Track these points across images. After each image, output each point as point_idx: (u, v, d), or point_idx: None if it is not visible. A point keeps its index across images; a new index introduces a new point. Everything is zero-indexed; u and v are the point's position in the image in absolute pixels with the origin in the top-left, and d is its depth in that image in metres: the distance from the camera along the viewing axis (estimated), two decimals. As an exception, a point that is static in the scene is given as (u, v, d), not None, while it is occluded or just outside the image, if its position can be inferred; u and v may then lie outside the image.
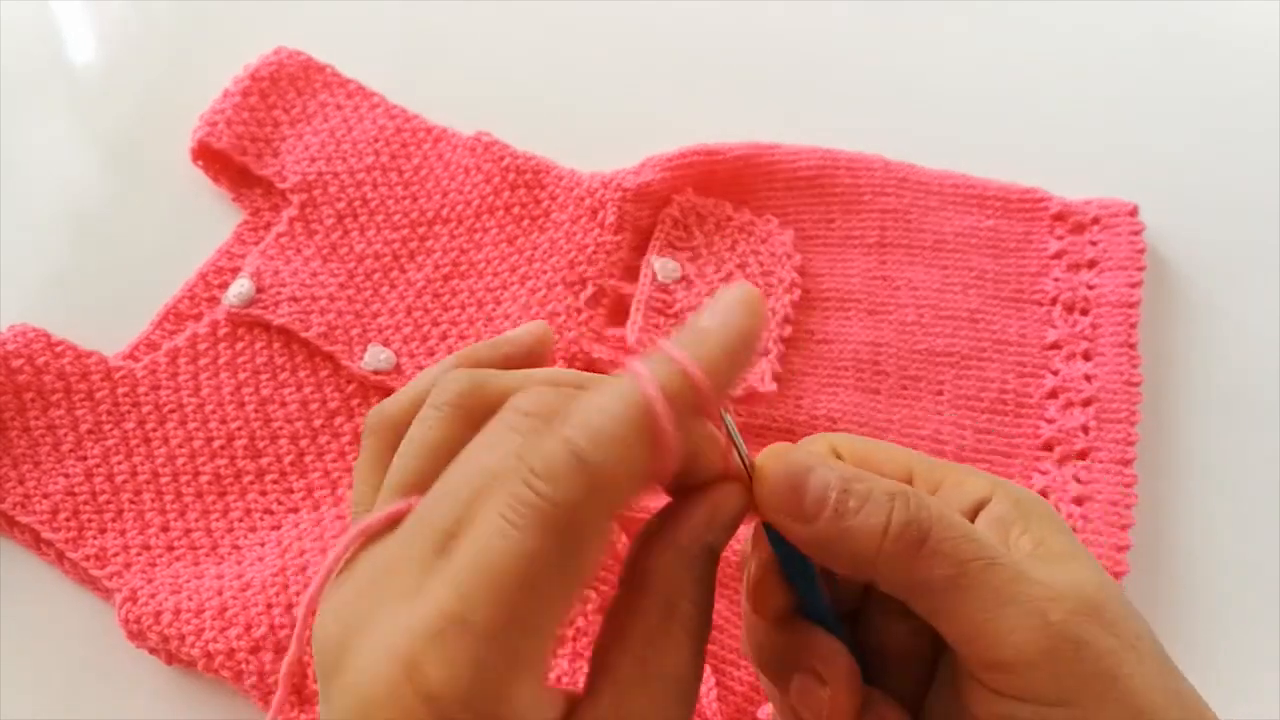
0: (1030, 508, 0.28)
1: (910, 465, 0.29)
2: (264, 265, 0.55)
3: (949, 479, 0.29)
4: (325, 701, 0.24)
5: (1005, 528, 0.27)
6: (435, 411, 0.27)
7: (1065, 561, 0.26)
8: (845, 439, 0.30)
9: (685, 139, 0.58)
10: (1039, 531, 0.27)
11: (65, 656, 0.48)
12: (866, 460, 0.29)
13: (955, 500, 0.28)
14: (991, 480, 0.29)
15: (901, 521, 0.26)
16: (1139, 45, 0.67)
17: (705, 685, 0.45)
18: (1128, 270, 0.55)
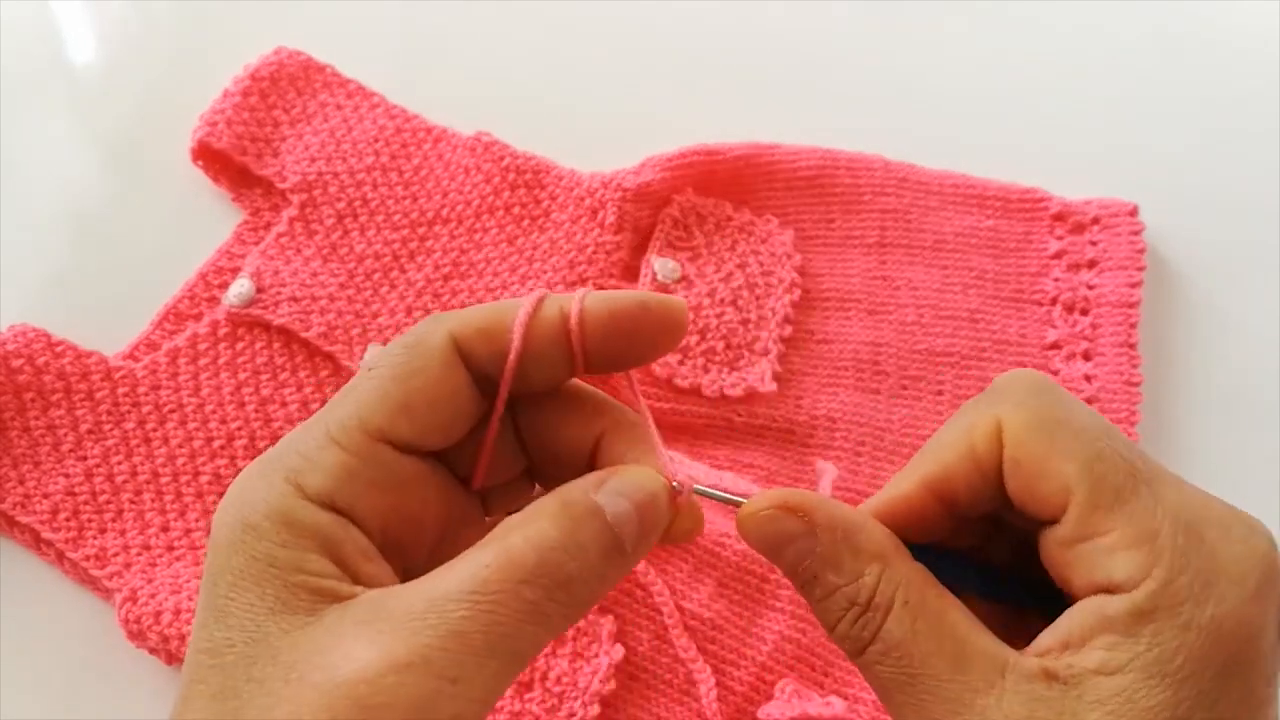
0: (1158, 630, 0.23)
1: (1074, 487, 0.25)
2: (264, 265, 0.55)
3: (1108, 537, 0.24)
4: None
5: (1100, 630, 0.24)
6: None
7: (1085, 707, 0.23)
8: (1017, 420, 0.26)
9: (685, 139, 0.58)
10: (1128, 659, 0.23)
11: (65, 656, 0.48)
12: (1027, 459, 0.26)
13: (1089, 564, 0.25)
14: (1156, 566, 0.23)
15: (843, 633, 0.26)
16: (1139, 45, 0.67)
17: (705, 685, 0.45)
18: (1128, 270, 0.55)
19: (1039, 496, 0.26)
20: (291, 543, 0.25)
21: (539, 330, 0.27)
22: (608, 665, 0.45)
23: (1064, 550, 0.25)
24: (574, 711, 0.45)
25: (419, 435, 0.27)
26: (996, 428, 0.27)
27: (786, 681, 0.45)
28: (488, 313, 0.27)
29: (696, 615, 0.47)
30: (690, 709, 0.46)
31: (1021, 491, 0.26)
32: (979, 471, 0.27)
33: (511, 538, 0.25)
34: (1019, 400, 0.27)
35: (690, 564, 0.48)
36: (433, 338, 0.27)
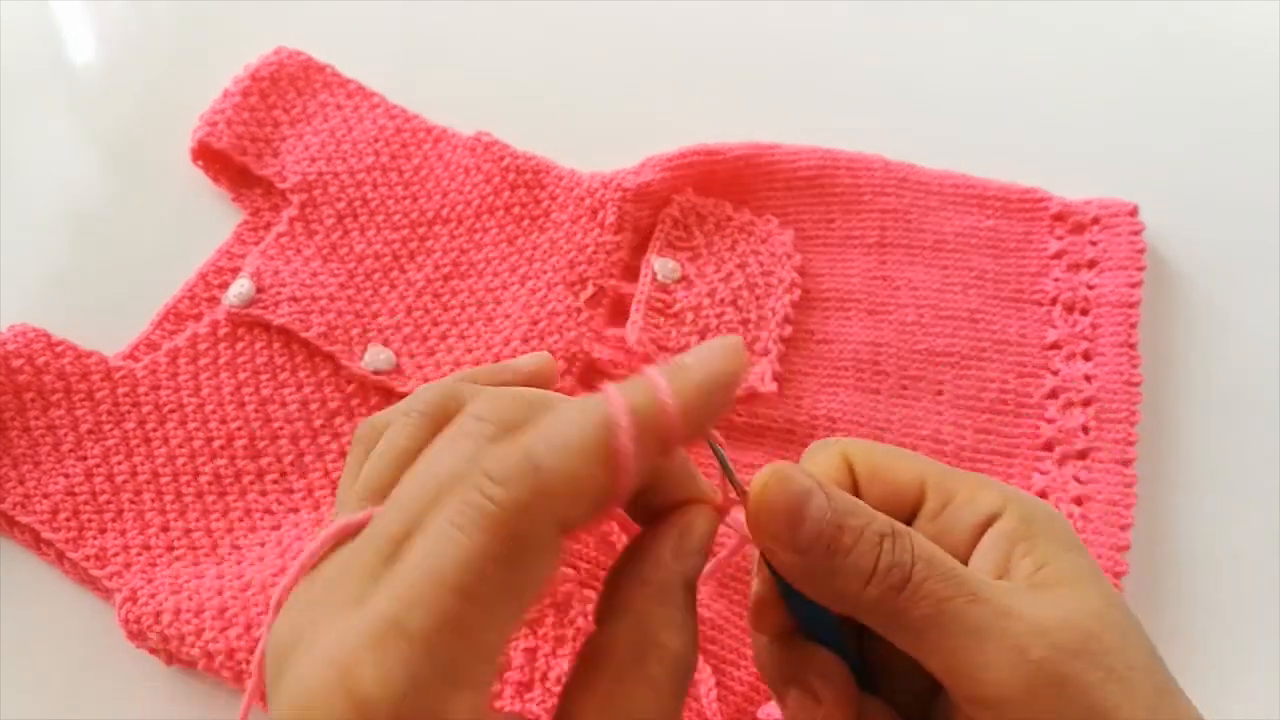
0: (1040, 525, 0.28)
1: (924, 475, 0.29)
2: (264, 265, 0.55)
3: (961, 491, 0.29)
4: (271, 702, 0.23)
5: (1010, 546, 0.27)
6: (405, 419, 0.27)
7: (1063, 587, 0.26)
8: (858, 446, 0.30)
9: (685, 139, 0.58)
10: (1044, 552, 0.27)
11: (65, 656, 0.48)
12: (878, 468, 0.29)
13: (965, 515, 0.28)
14: (1004, 494, 0.28)
15: (887, 565, 0.26)
16: (1139, 45, 0.67)
17: (705, 685, 0.45)
18: (1128, 270, 0.55)
19: (899, 489, 0.29)
20: None
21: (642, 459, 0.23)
22: (608, 665, 0.45)
23: (937, 521, 0.28)
24: (574, 711, 0.45)
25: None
26: (842, 456, 0.30)
27: (786, 681, 0.46)
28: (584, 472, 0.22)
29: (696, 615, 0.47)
30: (690, 709, 0.46)
31: (882, 491, 0.29)
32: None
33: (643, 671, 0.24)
34: (847, 442, 0.30)
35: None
36: (536, 534, 0.22)
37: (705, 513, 0.27)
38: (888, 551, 0.26)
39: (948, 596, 0.25)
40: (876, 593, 0.26)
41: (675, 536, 0.26)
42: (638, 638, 0.24)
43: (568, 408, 0.23)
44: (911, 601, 0.26)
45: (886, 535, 0.26)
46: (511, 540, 0.21)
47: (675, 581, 0.25)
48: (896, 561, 0.26)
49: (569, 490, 0.22)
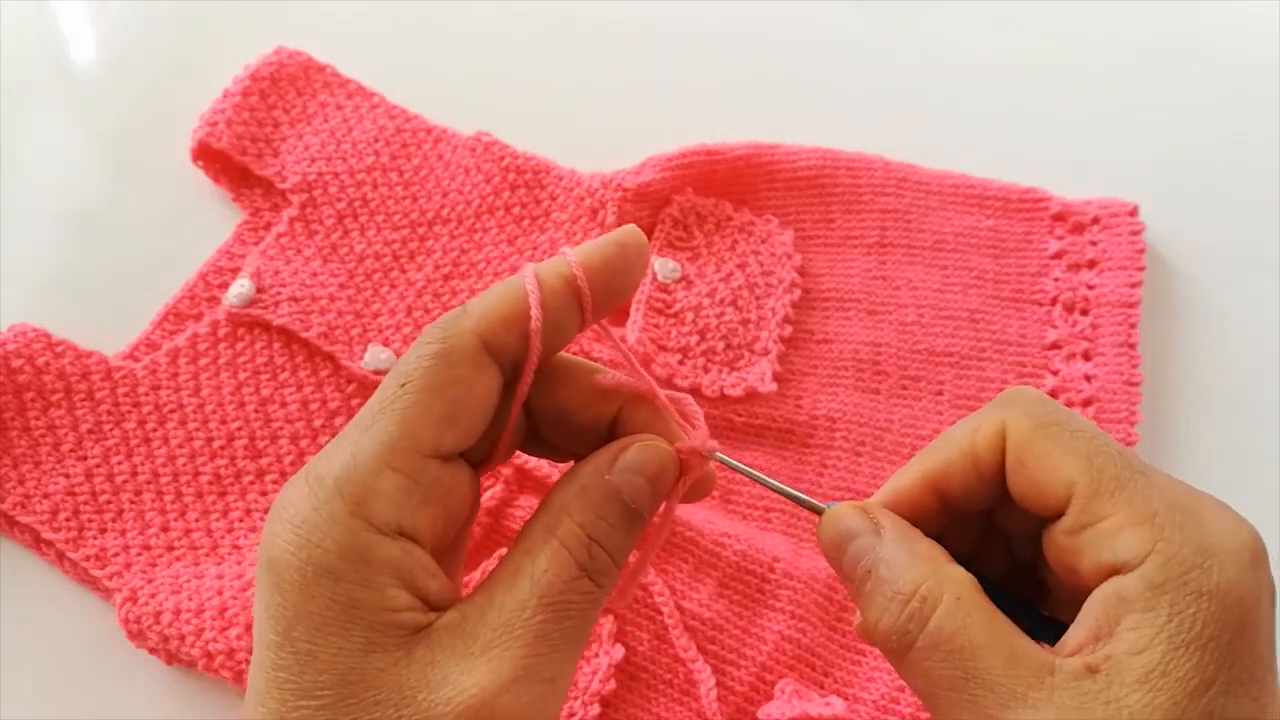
0: (1173, 600, 0.24)
1: (1075, 481, 0.26)
2: (264, 265, 0.55)
3: (1112, 519, 0.26)
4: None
5: (1122, 612, 0.25)
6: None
7: (1128, 689, 0.24)
8: (1024, 420, 0.28)
9: (685, 139, 0.58)
10: (1154, 635, 0.24)
11: (65, 656, 0.48)
12: (1031, 457, 0.27)
13: (1097, 549, 0.26)
14: (1158, 536, 0.25)
15: (888, 627, 0.27)
16: (1139, 46, 0.67)
17: (705, 685, 0.45)
18: (1128, 270, 0.55)
19: (1043, 490, 0.27)
20: (371, 581, 0.25)
21: (550, 299, 0.28)
22: (608, 665, 0.45)
23: (1070, 539, 0.27)
24: (574, 711, 0.45)
25: (462, 442, 0.27)
26: (1000, 429, 0.28)
27: (786, 681, 0.45)
28: (502, 299, 0.28)
29: (696, 615, 0.47)
30: (690, 709, 0.46)
31: (1026, 486, 0.28)
32: (976, 469, 0.29)
33: (554, 540, 0.27)
34: (1022, 407, 0.28)
35: (690, 564, 0.48)
36: (461, 340, 0.27)
37: (654, 442, 0.29)
38: (892, 614, 0.27)
39: (943, 685, 0.25)
40: (880, 647, 0.27)
41: (615, 449, 0.28)
42: (551, 520, 0.27)
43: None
44: (911, 671, 0.27)
45: (901, 597, 0.26)
46: (444, 344, 0.27)
47: (603, 487, 0.28)
48: (898, 629, 0.26)
49: (482, 312, 0.27)
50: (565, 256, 0.29)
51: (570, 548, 0.27)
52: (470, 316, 0.28)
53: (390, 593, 0.25)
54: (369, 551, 0.25)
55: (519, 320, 0.28)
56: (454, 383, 0.27)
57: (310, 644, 0.24)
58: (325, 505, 0.25)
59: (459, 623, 0.26)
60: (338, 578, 0.25)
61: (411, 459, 0.26)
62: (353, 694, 0.24)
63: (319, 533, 0.25)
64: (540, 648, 0.25)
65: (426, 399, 0.26)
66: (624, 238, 0.29)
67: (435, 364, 0.27)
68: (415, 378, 0.27)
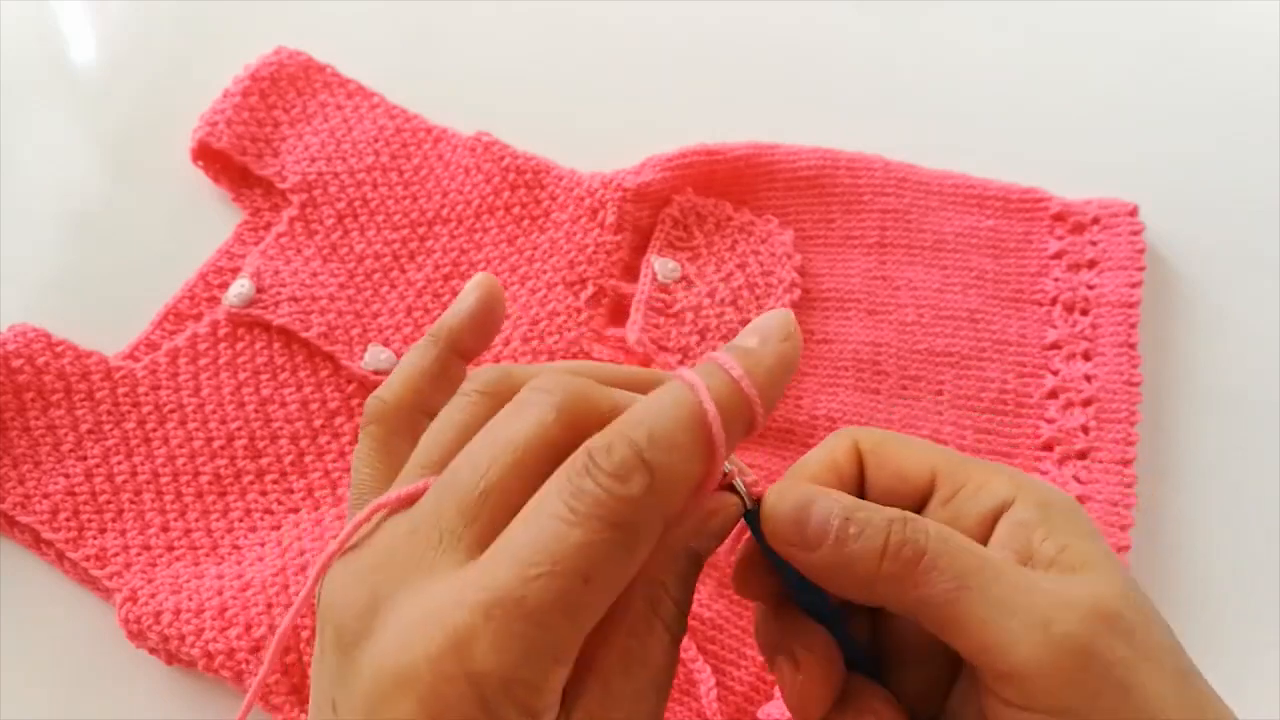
0: (1057, 511, 0.27)
1: (934, 463, 0.29)
2: (264, 265, 0.55)
3: (972, 479, 0.28)
4: (346, 667, 0.24)
5: (1028, 532, 0.27)
6: (465, 398, 0.28)
7: (1086, 569, 0.26)
8: (869, 434, 0.30)
9: (685, 139, 0.58)
10: (1064, 537, 0.27)
11: (65, 656, 0.48)
12: (887, 457, 0.29)
13: (976, 503, 0.28)
14: (1017, 481, 0.28)
15: (898, 541, 0.26)
16: (1139, 46, 0.67)
17: (705, 685, 0.45)
18: (1128, 270, 0.55)
19: (907, 476, 0.29)
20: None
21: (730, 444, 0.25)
22: (608, 665, 0.45)
23: (945, 509, 0.28)
24: (574, 711, 0.45)
25: None
26: (853, 443, 0.30)
27: (786, 681, 0.45)
28: (690, 475, 0.24)
29: (696, 615, 0.47)
30: (690, 709, 0.46)
31: (890, 479, 0.29)
32: (839, 481, 0.29)
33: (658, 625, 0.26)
34: (861, 430, 0.30)
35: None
36: (648, 529, 0.24)
37: (732, 503, 0.28)
38: (898, 531, 0.26)
39: (969, 570, 0.25)
40: (893, 568, 0.26)
41: (703, 518, 0.27)
42: (650, 598, 0.26)
43: (661, 398, 0.24)
44: (930, 577, 0.26)
45: (895, 520, 0.26)
46: (622, 530, 0.23)
47: (689, 556, 0.27)
48: (909, 539, 0.26)
49: (673, 484, 0.24)
50: (735, 380, 0.25)
51: (672, 632, 0.26)
52: (661, 492, 0.24)
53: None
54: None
55: (698, 481, 0.25)
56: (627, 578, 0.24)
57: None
58: (499, 709, 0.22)
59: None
60: None
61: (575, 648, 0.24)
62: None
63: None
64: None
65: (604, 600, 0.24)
66: (791, 348, 0.26)
67: (621, 569, 0.24)
68: (600, 574, 0.23)
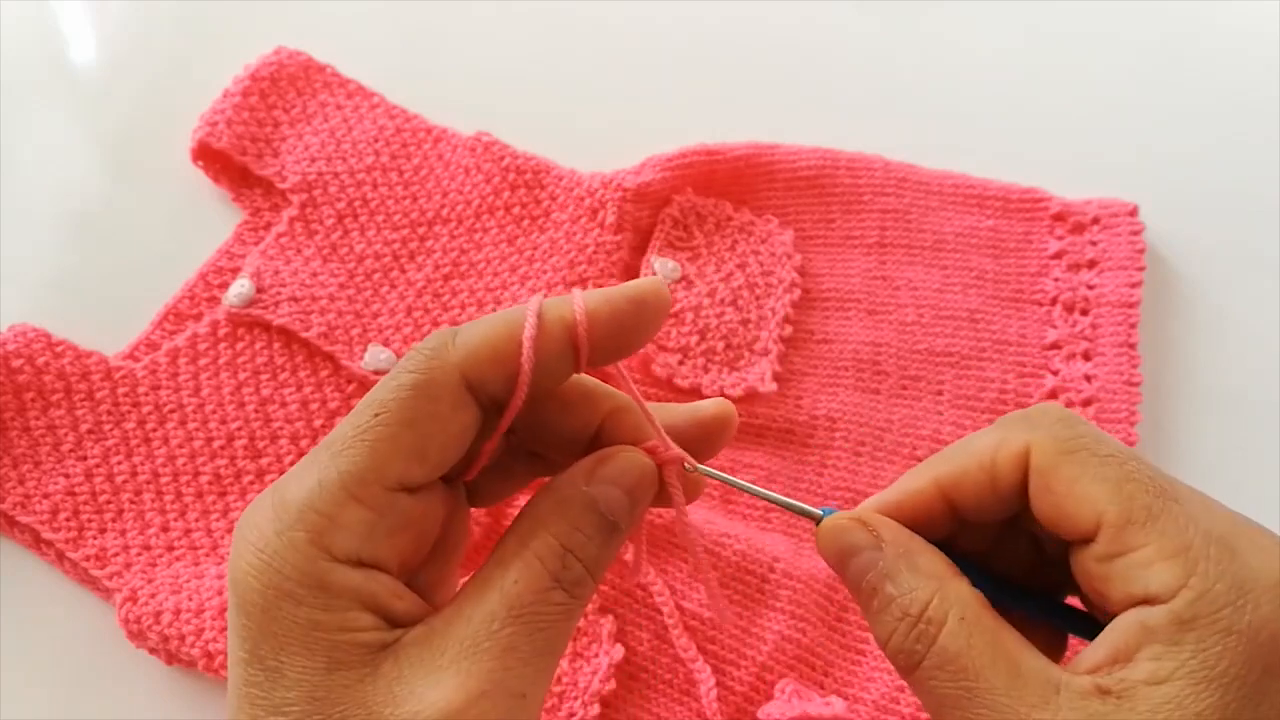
0: (1200, 636, 0.24)
1: (1103, 512, 0.26)
2: (264, 265, 0.55)
3: (1142, 551, 0.25)
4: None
5: (1144, 641, 0.24)
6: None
7: (1139, 717, 0.23)
8: (1046, 446, 0.27)
9: (685, 139, 0.58)
10: (1175, 668, 0.23)
11: (65, 656, 0.48)
12: (1055, 484, 0.27)
13: (1126, 578, 0.25)
14: (1191, 575, 0.24)
15: (896, 646, 0.26)
16: (1139, 46, 0.67)
17: (705, 685, 0.45)
18: (1128, 270, 0.55)
19: (1070, 518, 0.26)
20: (330, 605, 0.25)
21: (545, 345, 0.27)
22: (608, 665, 0.45)
23: (1099, 566, 0.26)
24: (574, 711, 0.45)
25: (431, 475, 0.27)
26: (1024, 450, 0.27)
27: (786, 681, 0.45)
28: (493, 336, 0.27)
29: (696, 615, 0.47)
30: (690, 709, 0.46)
31: (1051, 512, 0.27)
32: (992, 486, 0.28)
33: (527, 551, 0.26)
34: (1049, 429, 0.27)
35: (690, 564, 0.48)
36: (441, 373, 0.26)
37: (633, 454, 0.28)
38: (900, 634, 0.26)
39: (949, 704, 0.25)
40: (891, 660, 0.27)
41: (592, 461, 0.28)
42: (525, 532, 0.27)
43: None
44: (919, 687, 0.26)
45: (910, 618, 0.26)
46: (425, 375, 0.26)
47: (580, 499, 0.27)
48: (906, 649, 0.26)
49: (471, 346, 0.27)
50: (574, 299, 0.27)
51: (543, 559, 0.26)
52: (457, 348, 0.27)
53: (351, 615, 0.25)
54: (327, 578, 0.25)
55: (508, 360, 0.27)
56: (429, 418, 0.26)
57: (276, 661, 0.25)
58: (287, 531, 0.25)
59: (426, 637, 0.25)
60: (298, 601, 0.25)
61: (377, 492, 0.26)
62: (320, 710, 0.24)
63: (279, 558, 0.25)
64: (509, 660, 0.25)
65: (398, 432, 0.26)
66: (644, 294, 0.28)
67: (412, 396, 0.26)
68: (390, 409, 0.26)
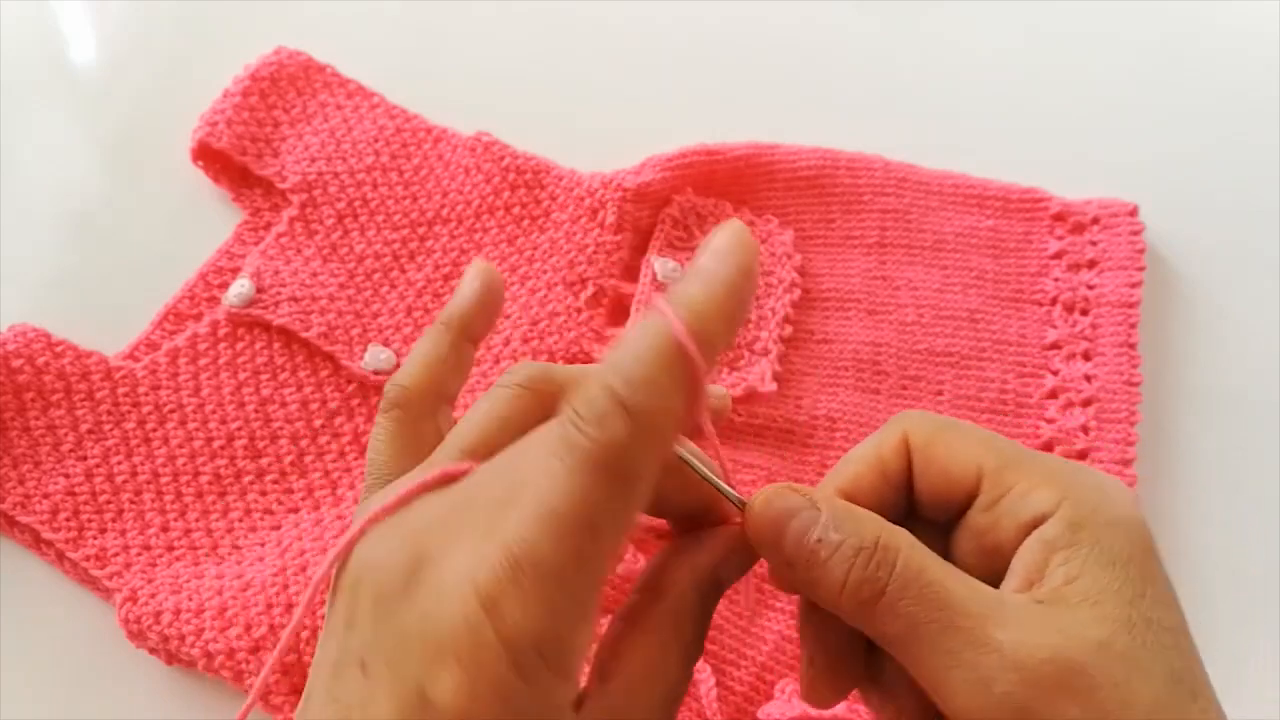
0: (1089, 532, 0.26)
1: (981, 462, 0.28)
2: (264, 265, 0.55)
3: (1020, 484, 0.28)
4: (384, 625, 0.24)
5: (1049, 553, 0.26)
6: (506, 390, 0.29)
7: (1079, 609, 0.25)
8: (921, 423, 0.30)
9: (685, 139, 0.58)
10: (1081, 563, 0.26)
11: (65, 656, 0.48)
12: (936, 452, 0.29)
13: (1016, 512, 0.27)
14: (1064, 490, 0.27)
15: (857, 579, 0.26)
16: (1139, 46, 0.67)
17: (705, 685, 0.45)
18: (1128, 270, 0.55)
19: (953, 477, 0.29)
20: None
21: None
22: (608, 665, 0.45)
23: (987, 515, 0.28)
24: (574, 711, 0.45)
25: None
26: (902, 437, 0.30)
27: (786, 681, 0.45)
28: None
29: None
30: (690, 709, 0.46)
31: (936, 479, 0.29)
32: (885, 478, 0.30)
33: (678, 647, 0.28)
34: (916, 418, 0.30)
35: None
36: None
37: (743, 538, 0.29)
38: (859, 566, 0.26)
39: (923, 619, 0.25)
40: (850, 605, 0.27)
41: (730, 547, 0.29)
42: (676, 616, 0.28)
43: (634, 337, 0.23)
44: (886, 617, 0.26)
45: (865, 549, 0.26)
46: (612, 472, 0.23)
47: (712, 580, 0.29)
48: (868, 577, 0.26)
49: (654, 417, 0.23)
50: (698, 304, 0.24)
51: (689, 654, 0.27)
52: (642, 428, 0.23)
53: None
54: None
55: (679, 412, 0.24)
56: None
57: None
58: (539, 681, 0.23)
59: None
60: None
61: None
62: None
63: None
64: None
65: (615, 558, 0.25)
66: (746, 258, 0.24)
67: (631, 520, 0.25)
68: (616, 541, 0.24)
